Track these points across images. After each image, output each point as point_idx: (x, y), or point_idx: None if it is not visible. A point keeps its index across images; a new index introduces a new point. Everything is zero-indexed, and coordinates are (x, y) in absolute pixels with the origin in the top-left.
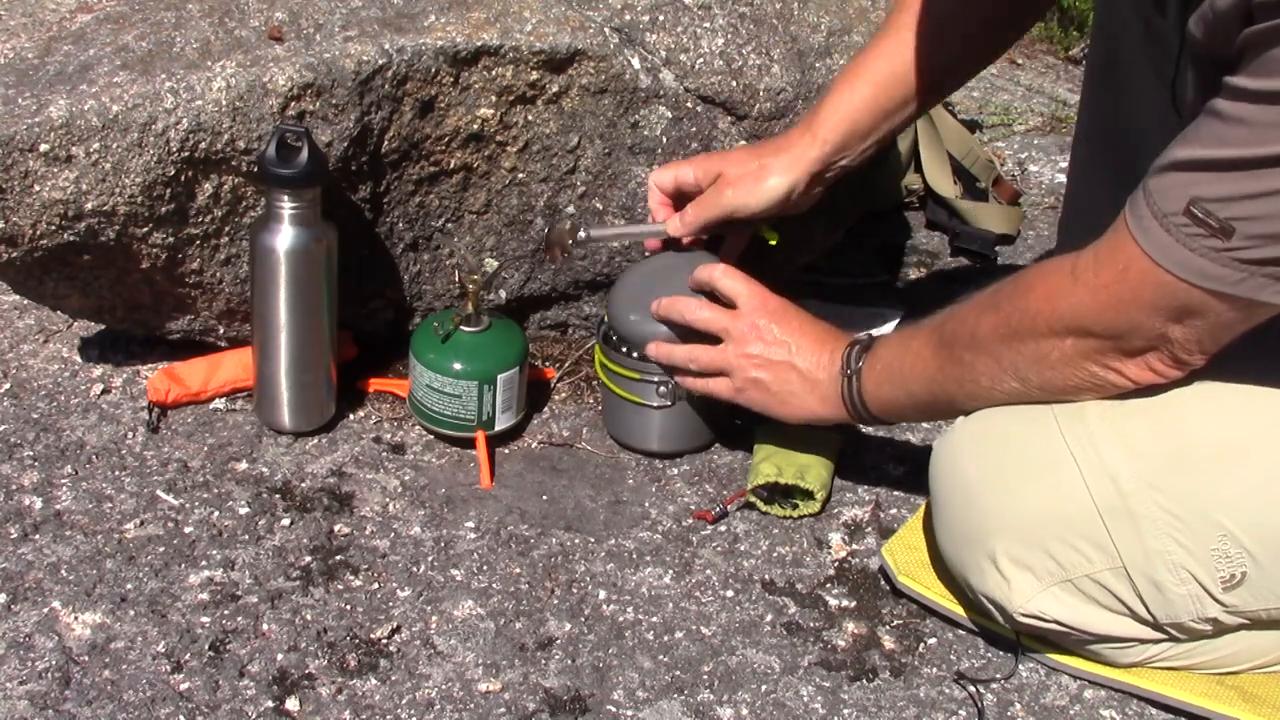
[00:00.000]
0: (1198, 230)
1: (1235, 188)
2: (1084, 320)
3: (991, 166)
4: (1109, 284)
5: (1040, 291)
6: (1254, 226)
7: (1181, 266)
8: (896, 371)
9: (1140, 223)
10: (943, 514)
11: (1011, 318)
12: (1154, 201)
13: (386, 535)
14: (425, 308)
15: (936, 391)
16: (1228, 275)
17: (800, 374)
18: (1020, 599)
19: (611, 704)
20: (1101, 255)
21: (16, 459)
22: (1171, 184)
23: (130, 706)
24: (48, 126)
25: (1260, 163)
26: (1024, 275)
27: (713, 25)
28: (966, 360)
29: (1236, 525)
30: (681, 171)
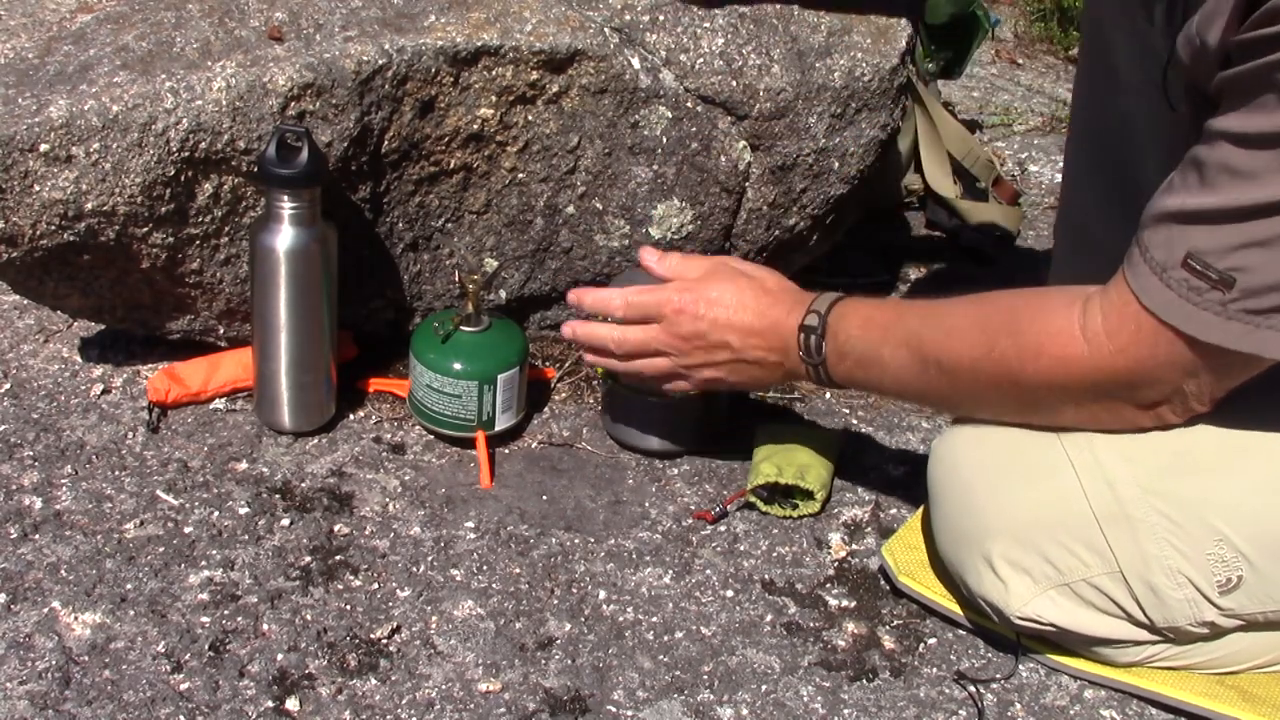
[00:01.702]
0: (1199, 284)
1: (1231, 238)
2: (1102, 385)
3: (991, 166)
4: (1125, 348)
5: (1052, 355)
6: (1253, 277)
7: (1187, 322)
8: (874, 373)
9: (1140, 280)
10: (941, 515)
11: (1020, 378)
12: (1151, 256)
13: (386, 535)
14: (425, 308)
15: (913, 395)
16: (1233, 328)
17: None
18: (1017, 602)
19: (611, 704)
20: (1110, 317)
21: (16, 459)
22: (1166, 237)
23: (130, 706)
24: (48, 126)
25: (1253, 212)
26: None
27: (713, 25)
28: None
29: (1232, 530)
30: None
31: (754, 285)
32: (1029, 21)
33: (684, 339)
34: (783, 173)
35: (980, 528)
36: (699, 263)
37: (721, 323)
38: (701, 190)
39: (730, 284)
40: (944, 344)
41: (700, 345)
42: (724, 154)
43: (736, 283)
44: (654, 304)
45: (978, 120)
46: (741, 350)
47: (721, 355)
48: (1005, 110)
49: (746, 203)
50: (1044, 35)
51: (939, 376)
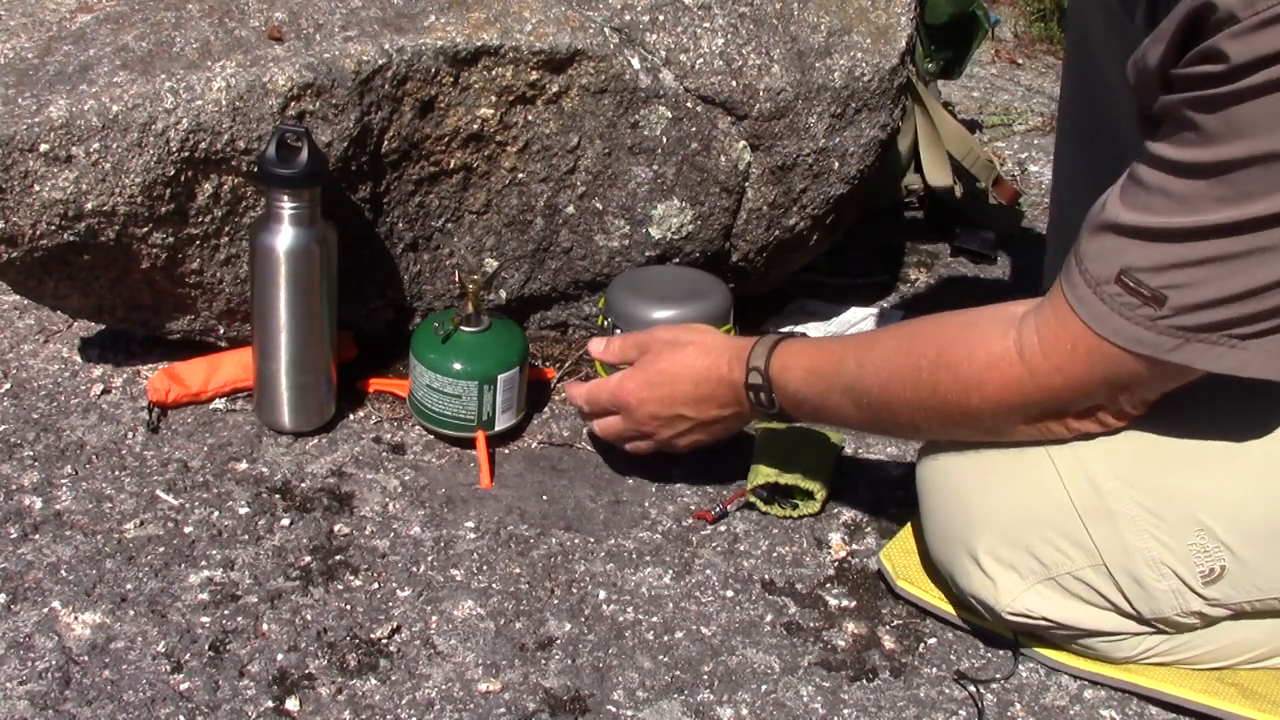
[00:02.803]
0: (1131, 299)
1: (1164, 256)
2: (1046, 401)
3: (991, 166)
4: (1062, 365)
5: (994, 384)
6: (1184, 295)
7: (1119, 335)
8: (829, 417)
9: (1075, 292)
10: (929, 516)
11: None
12: (1087, 271)
13: (386, 535)
14: (425, 308)
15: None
16: (1164, 343)
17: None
18: (1006, 598)
19: (611, 704)
20: (1045, 336)
21: (16, 459)
22: (1101, 251)
23: (130, 706)
24: (48, 126)
25: (1186, 234)
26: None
27: (713, 25)
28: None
29: (1213, 520)
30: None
31: (691, 351)
32: (1029, 21)
33: (645, 423)
34: (783, 173)
35: (967, 526)
36: (635, 340)
37: (668, 399)
38: (701, 190)
39: (667, 358)
40: (885, 390)
41: (661, 423)
42: (724, 154)
43: (673, 355)
44: (607, 400)
45: (978, 120)
46: (699, 416)
47: (683, 425)
48: (1005, 110)
49: (746, 203)
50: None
51: (890, 420)
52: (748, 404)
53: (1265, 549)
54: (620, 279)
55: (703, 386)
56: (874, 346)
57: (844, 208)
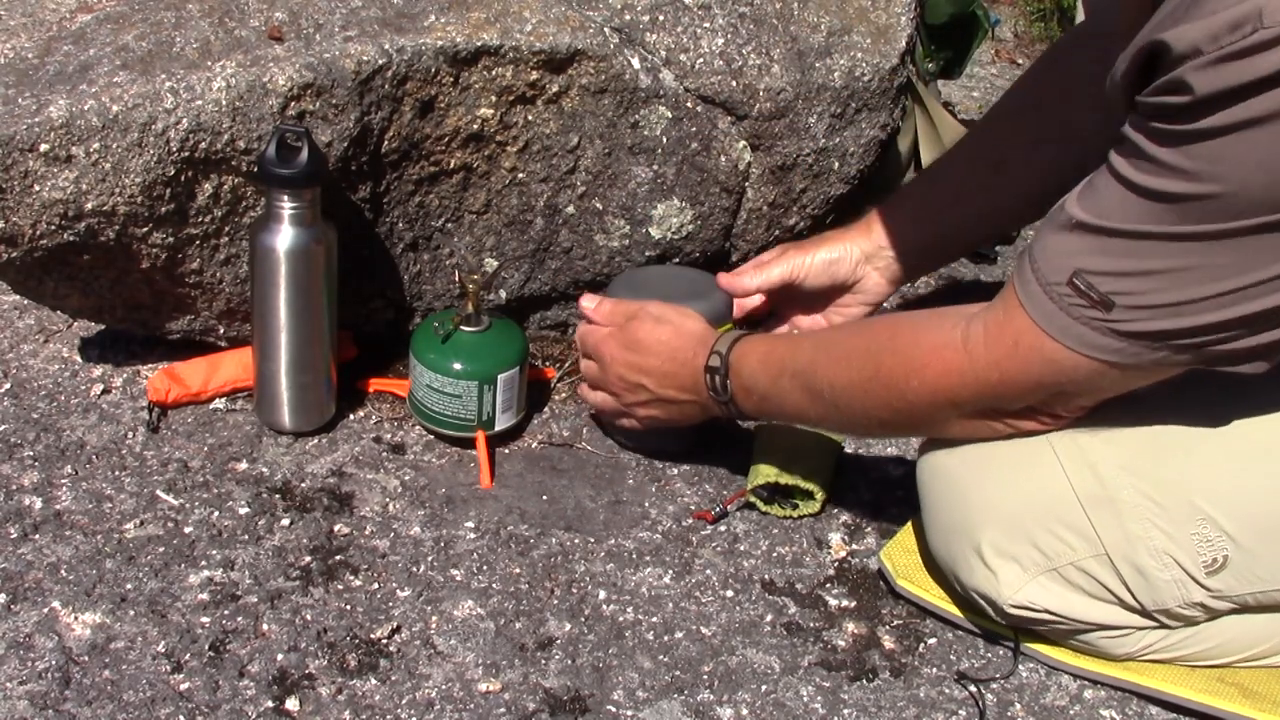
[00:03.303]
0: (1080, 301)
1: (1114, 262)
2: (980, 396)
3: None
4: (1000, 360)
5: (935, 370)
6: (1132, 300)
7: (1065, 334)
8: (775, 406)
9: (1026, 289)
10: (930, 510)
11: (905, 394)
12: (1039, 270)
13: (386, 535)
14: (425, 308)
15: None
16: (1108, 344)
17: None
18: (1008, 590)
19: (611, 704)
20: (990, 330)
21: (16, 459)
22: (1056, 251)
23: (130, 706)
24: (48, 126)
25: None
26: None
27: (713, 25)
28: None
29: (1215, 509)
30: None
31: (669, 329)
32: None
33: (612, 381)
34: (783, 173)
35: (968, 520)
36: (626, 308)
37: (636, 365)
38: (701, 190)
39: (648, 328)
40: (833, 370)
41: (625, 386)
42: (724, 154)
43: (654, 327)
44: (592, 343)
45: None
46: (658, 391)
47: (643, 395)
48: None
49: (746, 203)
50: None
51: (831, 403)
52: (705, 390)
53: (1268, 539)
54: (620, 279)
55: (668, 364)
56: (836, 331)
57: (844, 208)
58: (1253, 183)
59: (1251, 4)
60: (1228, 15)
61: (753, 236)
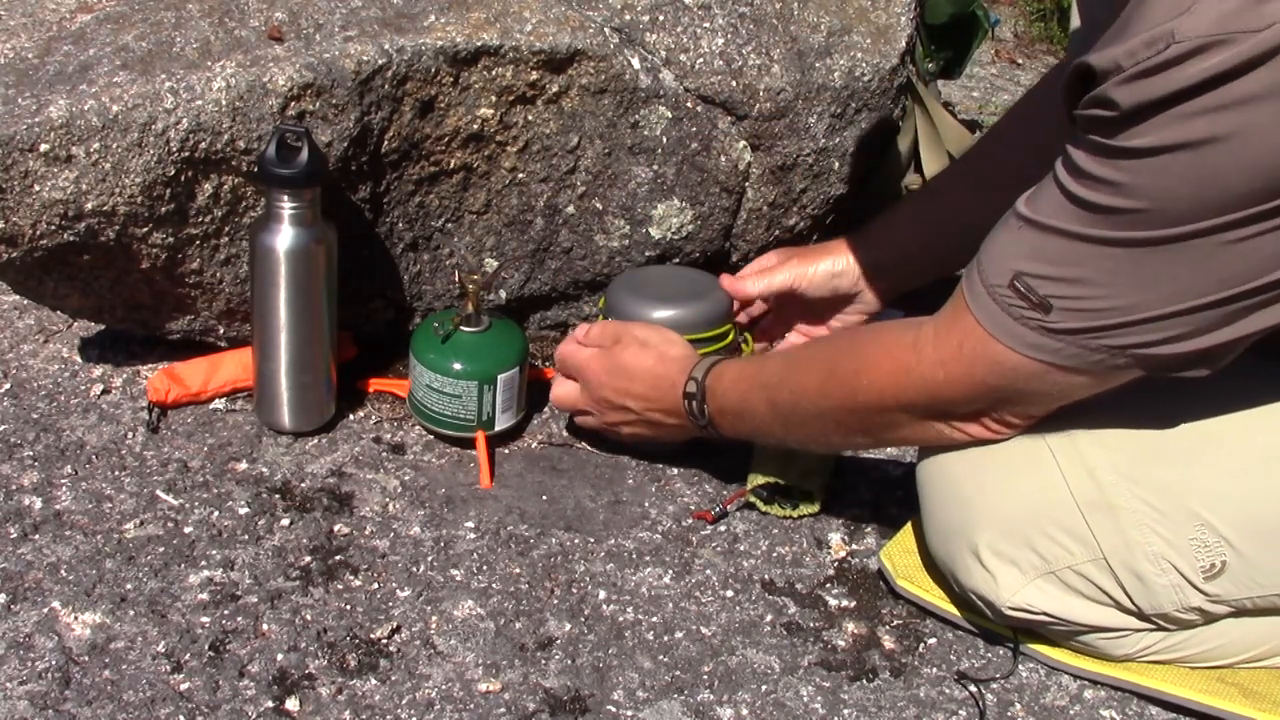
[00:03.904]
0: (1020, 303)
1: (1053, 267)
2: (926, 395)
3: None
4: (946, 360)
5: (885, 368)
6: (1068, 304)
7: (1007, 334)
8: (749, 424)
9: (973, 290)
10: (929, 511)
11: (856, 393)
12: (985, 272)
13: (386, 535)
14: (425, 308)
15: (790, 442)
16: (1048, 344)
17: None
18: (1006, 593)
19: (611, 704)
20: (940, 329)
21: (16, 459)
22: (1000, 254)
23: (130, 706)
24: (48, 126)
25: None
26: (864, 345)
27: (713, 25)
28: (810, 425)
29: (1213, 514)
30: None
31: (653, 355)
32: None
33: (597, 403)
34: (783, 173)
35: (967, 521)
36: (613, 330)
37: (620, 389)
38: (701, 190)
39: (632, 353)
40: (794, 377)
41: (608, 407)
42: (724, 154)
43: (638, 352)
44: (575, 366)
45: (978, 120)
46: (642, 413)
47: (627, 415)
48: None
49: (746, 203)
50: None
51: (789, 412)
52: (684, 413)
53: (1266, 544)
54: (620, 279)
55: (652, 390)
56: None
57: (844, 208)
58: (1178, 194)
59: (1166, 25)
60: (1144, 35)
61: (753, 236)
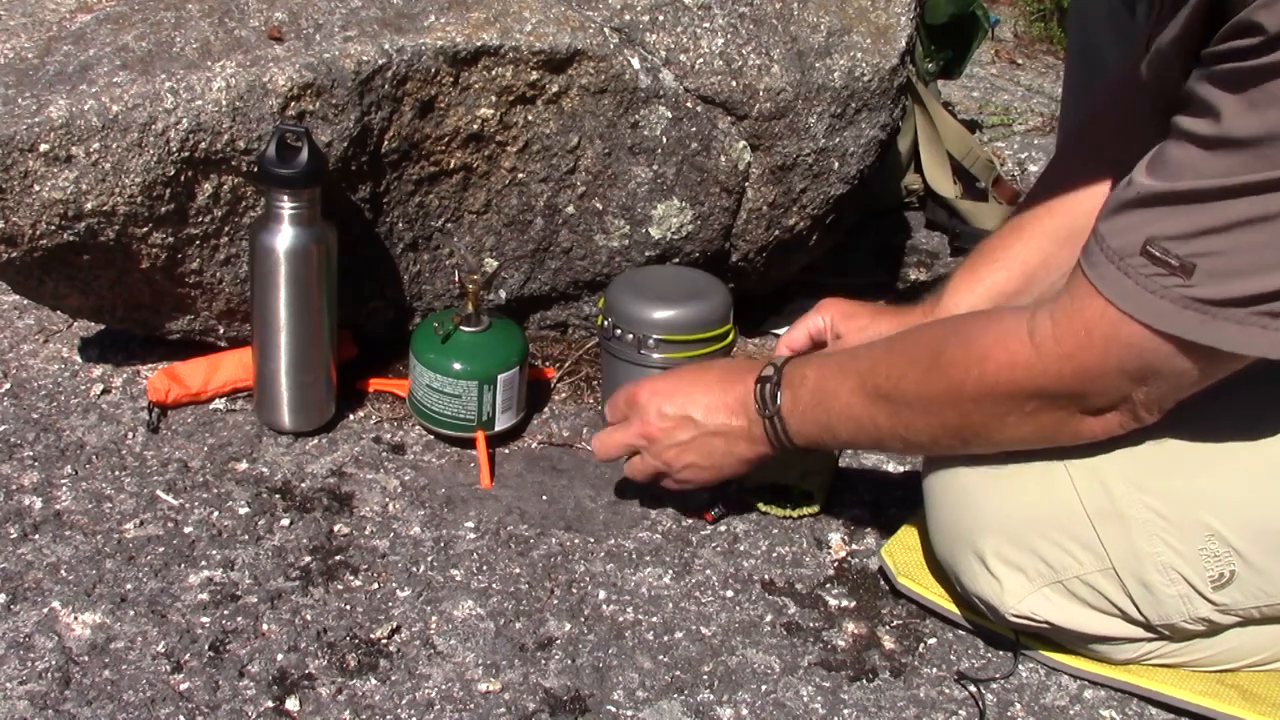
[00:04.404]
0: (1157, 270)
1: (1192, 223)
2: (1048, 389)
3: (991, 166)
4: (1072, 352)
5: (999, 360)
6: (1214, 262)
7: (1144, 311)
8: (822, 415)
9: (1096, 270)
10: (935, 513)
11: (965, 384)
12: (1108, 245)
13: (386, 535)
14: (425, 308)
15: (864, 438)
16: (1190, 319)
17: (718, 435)
18: (1012, 599)
19: (611, 704)
20: (1060, 320)
21: (16, 459)
22: (1125, 224)
23: (130, 706)
24: (48, 126)
25: (1216, 197)
26: (973, 336)
27: (713, 25)
28: (905, 417)
29: (1224, 525)
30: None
31: (717, 364)
32: (1029, 21)
33: (650, 423)
34: (783, 173)
35: (974, 526)
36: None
37: (681, 397)
38: (701, 190)
39: (690, 368)
40: (893, 364)
41: (666, 426)
42: (724, 154)
43: (699, 365)
44: (623, 400)
45: (978, 120)
46: (704, 423)
47: (686, 433)
48: (1005, 110)
49: (746, 203)
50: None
51: (883, 400)
52: (753, 406)
53: (1275, 554)
54: (620, 279)
55: (714, 389)
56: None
57: (844, 208)
58: None
59: None
60: None
61: (753, 236)
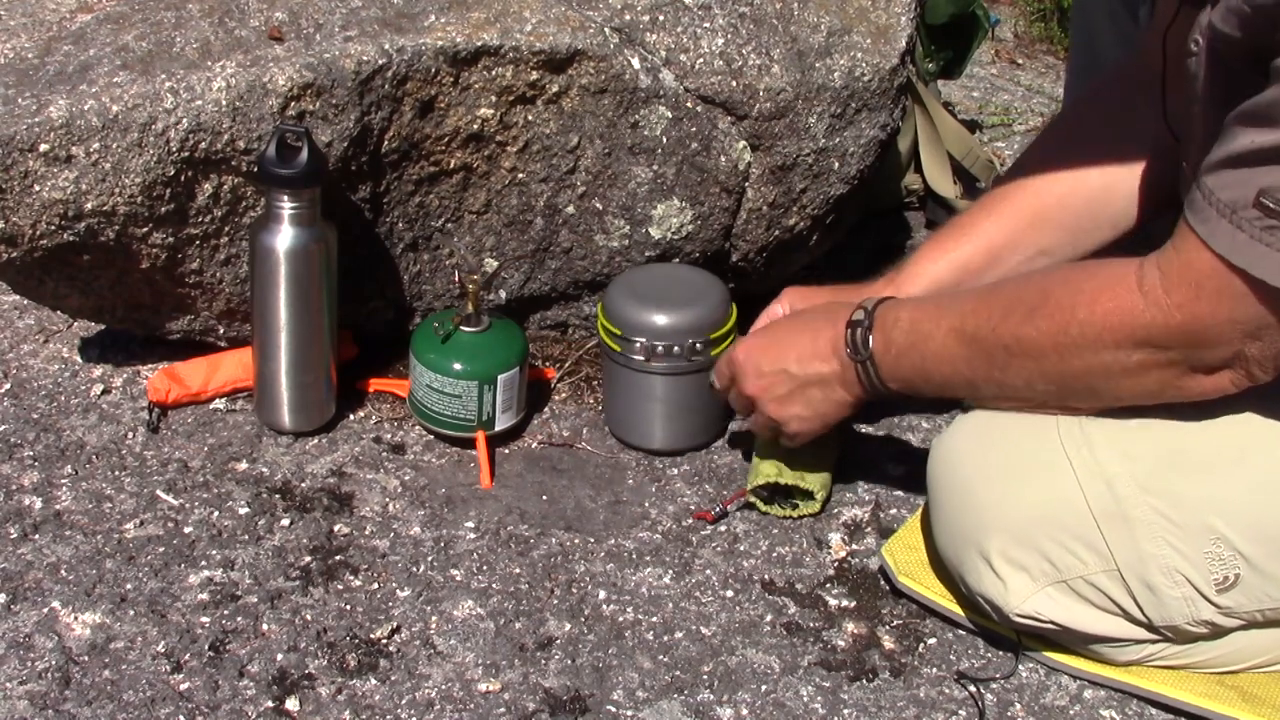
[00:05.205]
0: (1272, 222)
1: None
2: (1156, 339)
3: (991, 166)
4: (1183, 303)
5: (1106, 306)
6: None
7: (1260, 264)
8: (917, 358)
9: (1207, 225)
10: (940, 513)
11: (1069, 328)
12: (1218, 199)
13: (386, 535)
14: (425, 308)
15: (959, 383)
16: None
17: (814, 384)
18: (1016, 599)
19: (611, 704)
20: (1169, 272)
21: (16, 459)
22: (1234, 179)
23: (130, 706)
24: (48, 126)
25: None
26: (1078, 280)
27: (713, 25)
28: (1001, 361)
29: (1229, 528)
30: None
31: (807, 313)
32: (1029, 21)
33: (751, 381)
34: (783, 173)
35: (979, 525)
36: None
37: (775, 352)
38: (701, 190)
39: (781, 322)
40: (994, 305)
41: (765, 382)
42: (724, 154)
43: (788, 318)
44: (724, 364)
45: (978, 120)
46: (800, 374)
47: (784, 386)
48: (1005, 110)
49: (746, 203)
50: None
51: (981, 343)
52: (844, 350)
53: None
54: (619, 279)
55: (806, 337)
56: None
57: (844, 208)
58: None
59: None
60: None
61: (753, 236)
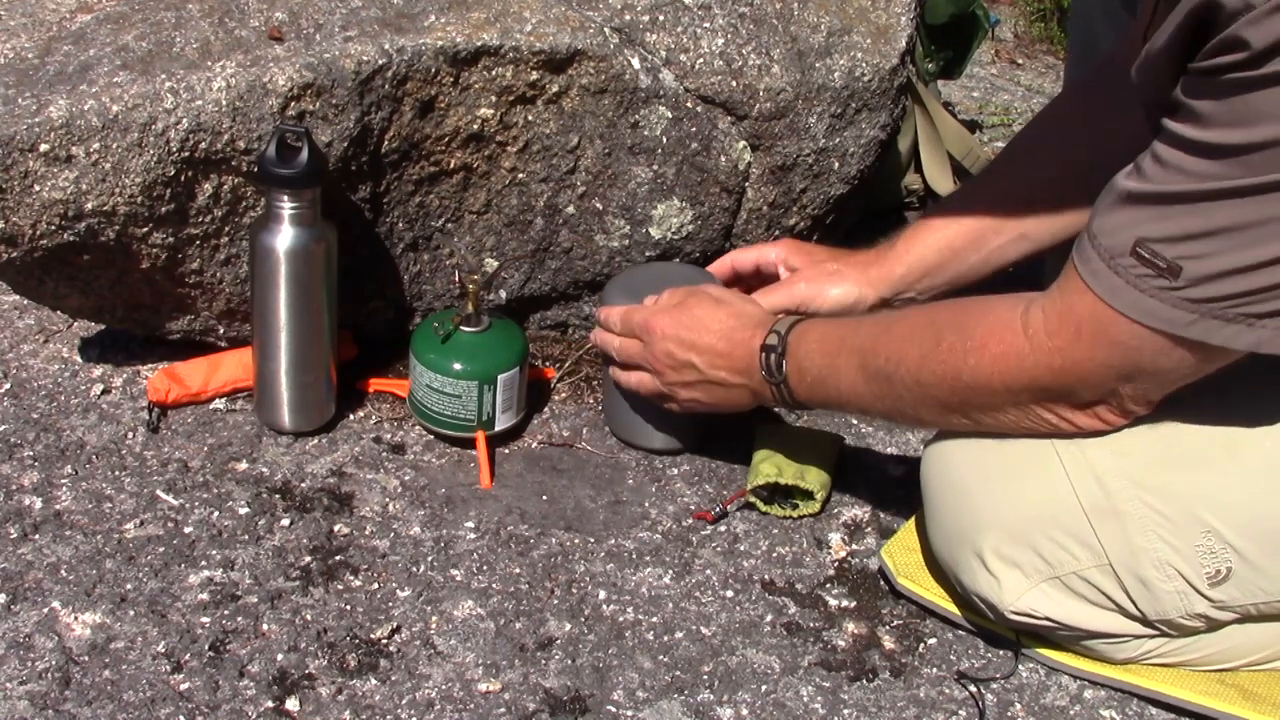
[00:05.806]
0: (1146, 271)
1: (1179, 226)
2: (1039, 381)
3: None
4: (1063, 346)
5: (994, 351)
6: (1200, 265)
7: (1134, 309)
8: (832, 389)
9: (1089, 266)
10: (934, 513)
11: (961, 373)
12: (1100, 245)
13: (386, 535)
14: (425, 308)
15: (871, 412)
16: (1179, 317)
17: (718, 385)
18: (1010, 597)
19: (611, 704)
20: (1051, 313)
21: (16, 459)
22: (1116, 224)
23: (130, 706)
24: (48, 126)
25: (1202, 202)
26: (969, 325)
27: (713, 25)
28: (905, 398)
29: (1221, 521)
30: (764, 252)
31: (727, 310)
32: (1029, 21)
33: (658, 358)
34: (783, 173)
35: (972, 524)
36: (682, 291)
37: (687, 343)
38: (701, 190)
39: (703, 308)
40: (892, 346)
41: (671, 365)
42: (724, 154)
43: (709, 307)
44: (639, 321)
45: (978, 120)
46: (707, 371)
47: (690, 375)
48: (1005, 110)
49: (746, 203)
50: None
51: (885, 381)
52: (758, 370)
53: (1272, 551)
54: (617, 278)
55: (721, 344)
56: (899, 313)
57: (844, 208)
58: None
59: None
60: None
61: (753, 237)
